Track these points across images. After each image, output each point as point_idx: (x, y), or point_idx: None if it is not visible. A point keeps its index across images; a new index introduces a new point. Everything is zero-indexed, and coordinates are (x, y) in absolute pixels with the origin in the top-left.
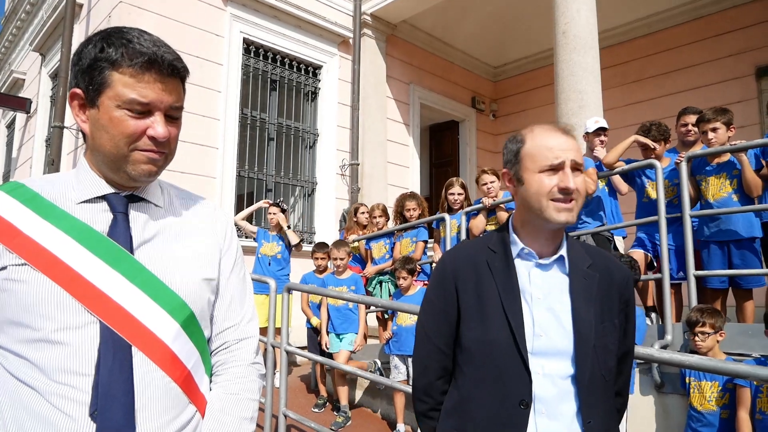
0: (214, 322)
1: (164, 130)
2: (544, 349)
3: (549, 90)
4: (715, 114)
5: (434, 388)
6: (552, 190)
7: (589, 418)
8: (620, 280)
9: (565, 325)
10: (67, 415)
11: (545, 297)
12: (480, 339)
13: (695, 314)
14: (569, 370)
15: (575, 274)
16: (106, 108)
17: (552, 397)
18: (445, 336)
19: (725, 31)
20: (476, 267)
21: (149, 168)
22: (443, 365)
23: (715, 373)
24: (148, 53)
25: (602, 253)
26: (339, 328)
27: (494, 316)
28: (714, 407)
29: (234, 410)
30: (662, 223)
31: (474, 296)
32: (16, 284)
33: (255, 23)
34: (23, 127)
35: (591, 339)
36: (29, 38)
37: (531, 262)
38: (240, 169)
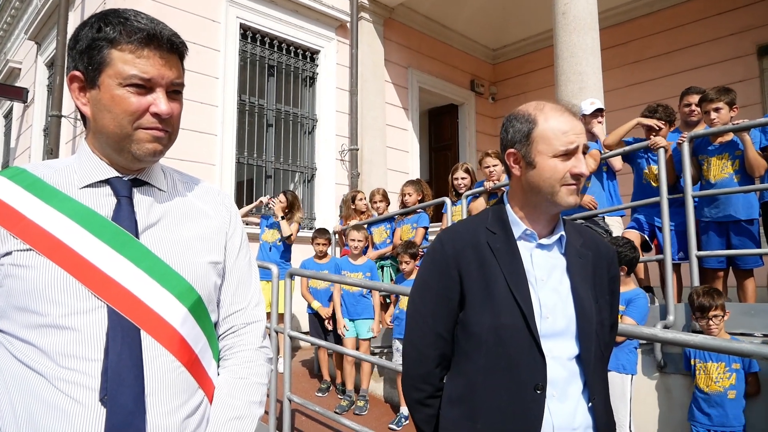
0: (220, 306)
1: (167, 107)
2: (551, 331)
3: (549, 72)
4: (718, 94)
5: (433, 376)
6: (565, 175)
7: (593, 395)
8: (608, 258)
9: (567, 306)
10: (77, 401)
11: (548, 278)
12: (490, 324)
13: (706, 299)
14: (574, 350)
15: (571, 253)
16: (107, 87)
17: (562, 380)
18: (445, 321)
19: (727, 10)
20: (477, 249)
21: (154, 147)
22: (442, 352)
23: (721, 352)
24: (146, 29)
25: (589, 231)
26: (352, 314)
27: (502, 300)
28: (720, 388)
29: (243, 394)
30: (664, 203)
31: (479, 280)
32: (22, 270)
33: (252, 8)
34: (21, 117)
35: (593, 317)
36: (24, 27)
37: (532, 243)
38: (239, 156)
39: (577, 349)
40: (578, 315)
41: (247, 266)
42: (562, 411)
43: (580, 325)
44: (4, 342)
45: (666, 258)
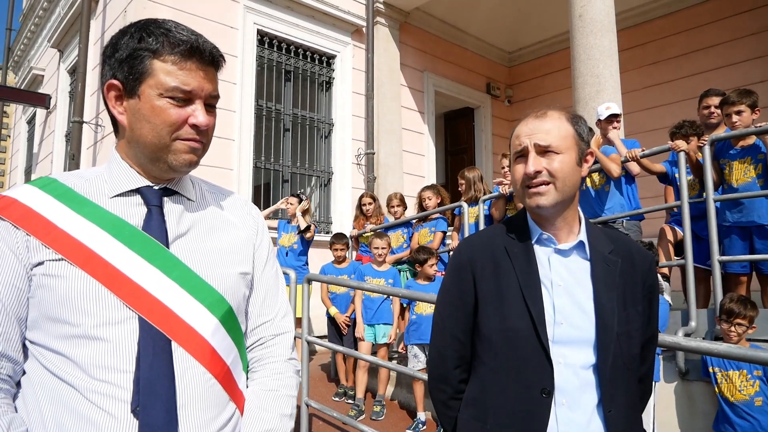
0: (248, 317)
1: (206, 118)
2: (566, 337)
3: (565, 74)
4: (740, 96)
5: (452, 377)
6: (522, 177)
7: (610, 407)
8: (643, 265)
9: (588, 313)
10: (108, 413)
11: (566, 283)
12: (499, 328)
13: (737, 306)
14: (591, 359)
15: (597, 259)
16: (148, 97)
17: (573, 388)
18: (462, 324)
19: (745, 10)
20: (494, 253)
21: (190, 157)
22: (460, 354)
23: (744, 361)
24: (189, 41)
25: (623, 237)
26: (372, 319)
27: (514, 303)
28: (746, 396)
29: (273, 407)
30: (685, 208)
31: (492, 283)
32: (54, 279)
33: (268, 14)
34: (43, 123)
35: (614, 327)
36: (47, 35)
37: (550, 248)
38: (256, 161)
39: (594, 358)
40: (598, 323)
41: (274, 277)
42: (571, 420)
43: (600, 334)
44: (35, 353)
45: (688, 263)
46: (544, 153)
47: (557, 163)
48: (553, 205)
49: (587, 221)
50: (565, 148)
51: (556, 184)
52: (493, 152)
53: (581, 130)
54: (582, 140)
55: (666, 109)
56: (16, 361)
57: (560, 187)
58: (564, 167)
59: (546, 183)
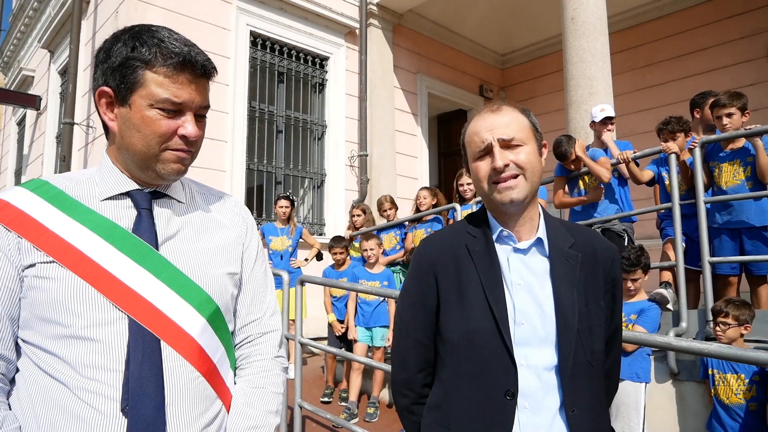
0: (237, 316)
1: (195, 130)
2: (527, 338)
3: (558, 76)
4: (730, 99)
5: (415, 382)
6: (489, 174)
7: (573, 407)
8: (605, 258)
9: (548, 312)
10: (98, 411)
11: (526, 283)
12: (462, 329)
13: (721, 304)
14: (553, 360)
15: (556, 256)
16: (138, 107)
17: (536, 391)
18: (424, 327)
19: (737, 13)
20: (455, 253)
21: (178, 167)
22: (424, 358)
23: (734, 360)
24: (182, 53)
25: (585, 230)
26: (368, 322)
27: (476, 304)
28: (741, 400)
29: (259, 404)
30: (676, 210)
31: (454, 284)
32: (45, 281)
33: (261, 16)
34: (34, 124)
35: (574, 325)
36: (37, 35)
37: (509, 247)
38: (249, 162)
39: (556, 359)
40: (558, 322)
41: (262, 276)
42: (534, 424)
43: (560, 333)
44: (27, 352)
45: (678, 264)
46: (508, 146)
47: (523, 155)
48: (525, 197)
49: (546, 215)
50: (527, 139)
51: (526, 175)
52: None
53: (534, 121)
54: (537, 131)
55: (658, 111)
56: (10, 360)
57: (530, 177)
58: (530, 158)
59: (515, 176)
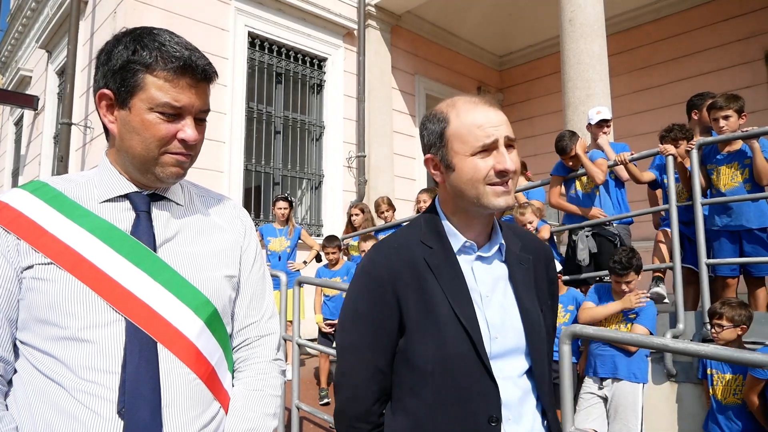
0: (235, 318)
1: (194, 134)
2: (502, 350)
3: (555, 78)
4: (727, 101)
5: (372, 414)
6: (489, 173)
7: (547, 411)
8: (546, 258)
9: (514, 321)
10: (95, 413)
11: (492, 293)
12: (436, 357)
13: (717, 305)
14: (524, 365)
15: (512, 260)
16: (138, 110)
17: (516, 399)
18: (385, 354)
19: (734, 16)
20: (414, 267)
21: (177, 170)
22: (381, 386)
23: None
24: (182, 58)
25: (525, 231)
26: None
27: (447, 325)
28: (739, 400)
29: (257, 406)
30: (673, 212)
31: (419, 304)
32: (43, 283)
33: (259, 16)
34: (31, 124)
35: (542, 329)
36: (35, 35)
37: (472, 256)
38: (247, 163)
39: (528, 363)
40: (527, 328)
41: (260, 279)
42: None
43: (530, 338)
44: (25, 353)
45: (675, 266)
46: (509, 147)
47: (515, 157)
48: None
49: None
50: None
51: (515, 180)
52: None
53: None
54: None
55: (655, 113)
56: (7, 361)
57: (516, 183)
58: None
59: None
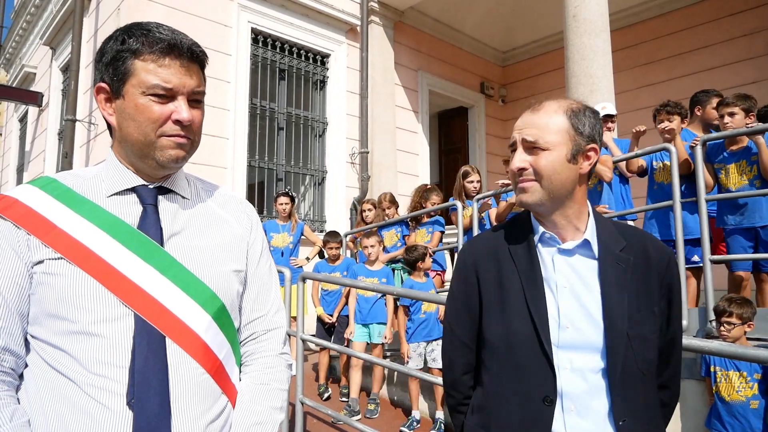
0: (242, 312)
1: (188, 114)
2: (571, 341)
3: (559, 74)
4: (736, 99)
5: (461, 383)
6: (512, 172)
7: (623, 417)
8: (660, 263)
9: (595, 315)
10: (105, 406)
11: (571, 285)
12: (501, 333)
13: (723, 303)
14: (600, 363)
15: (606, 258)
16: (131, 96)
17: (582, 393)
18: (468, 330)
19: (738, 11)
20: (497, 256)
21: (176, 153)
22: (468, 360)
23: (736, 358)
24: (167, 39)
25: (639, 233)
26: (366, 318)
27: (516, 307)
28: (742, 398)
29: (264, 400)
30: (677, 207)
31: (496, 287)
32: (53, 278)
33: (262, 13)
34: (36, 121)
35: (624, 329)
36: (39, 32)
37: (554, 248)
38: (250, 159)
39: (604, 362)
40: (606, 327)
41: (267, 274)
42: (581, 426)
43: (609, 337)
44: (36, 347)
45: (680, 261)
46: (532, 149)
47: (543, 161)
48: (538, 202)
49: (598, 217)
50: (554, 144)
51: (542, 182)
52: (487, 152)
53: (580, 124)
54: (580, 135)
55: None
56: (19, 355)
57: (545, 185)
58: (550, 165)
59: (530, 180)
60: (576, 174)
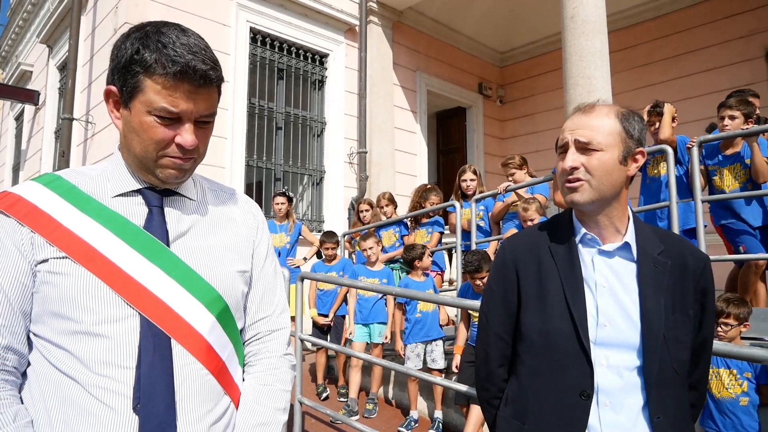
0: (247, 313)
1: (192, 139)
2: (609, 339)
3: (557, 75)
4: (738, 102)
5: (496, 376)
6: (561, 172)
7: (658, 414)
8: (696, 268)
9: (632, 315)
10: (110, 408)
11: (610, 285)
12: (540, 328)
13: (721, 304)
14: (636, 361)
15: (644, 261)
16: (137, 111)
17: (617, 389)
18: (505, 324)
19: (735, 13)
20: (538, 253)
21: (175, 173)
22: (503, 353)
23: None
24: (180, 62)
25: (676, 238)
26: (366, 318)
27: (556, 304)
28: (732, 395)
29: (267, 401)
30: (674, 208)
31: (535, 283)
32: (58, 277)
33: (261, 12)
34: (32, 119)
35: (660, 330)
36: (36, 30)
37: (594, 249)
38: (249, 159)
39: (640, 361)
40: (644, 326)
41: (273, 274)
42: (615, 422)
43: (645, 336)
44: (39, 347)
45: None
46: (585, 150)
47: (595, 161)
48: (589, 202)
49: (637, 220)
50: (607, 146)
51: (592, 182)
52: (485, 152)
53: (630, 128)
54: (630, 138)
55: None
56: (22, 354)
57: (596, 185)
58: (602, 165)
59: (581, 180)
60: (625, 175)
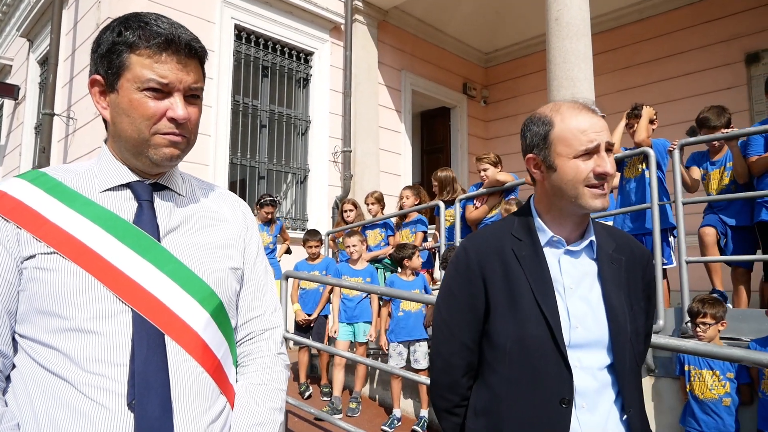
0: (238, 312)
1: (184, 111)
2: (582, 341)
3: (540, 76)
4: (717, 117)
5: (460, 386)
6: (588, 175)
7: (629, 407)
8: (642, 261)
9: (598, 315)
10: (103, 407)
11: (577, 286)
12: (515, 336)
13: (697, 305)
14: (606, 360)
15: (603, 259)
16: (126, 91)
17: (592, 390)
18: (471, 331)
19: (716, 18)
20: (502, 256)
21: (171, 151)
22: (468, 362)
23: (711, 357)
24: (164, 33)
25: (622, 233)
26: (351, 317)
27: (528, 310)
28: (715, 396)
29: (264, 401)
30: (655, 210)
31: (504, 289)
32: (46, 273)
33: (246, 9)
34: (11, 114)
35: (626, 325)
36: (16, 23)
37: (560, 250)
38: (232, 157)
39: (610, 358)
40: (611, 324)
41: (264, 273)
42: (592, 422)
43: (614, 334)
44: (25, 347)
45: (657, 262)
46: (606, 151)
47: (613, 161)
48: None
49: (592, 219)
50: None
51: (610, 183)
52: (469, 152)
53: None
54: None
55: None
56: (6, 355)
57: (611, 186)
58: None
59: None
60: None
